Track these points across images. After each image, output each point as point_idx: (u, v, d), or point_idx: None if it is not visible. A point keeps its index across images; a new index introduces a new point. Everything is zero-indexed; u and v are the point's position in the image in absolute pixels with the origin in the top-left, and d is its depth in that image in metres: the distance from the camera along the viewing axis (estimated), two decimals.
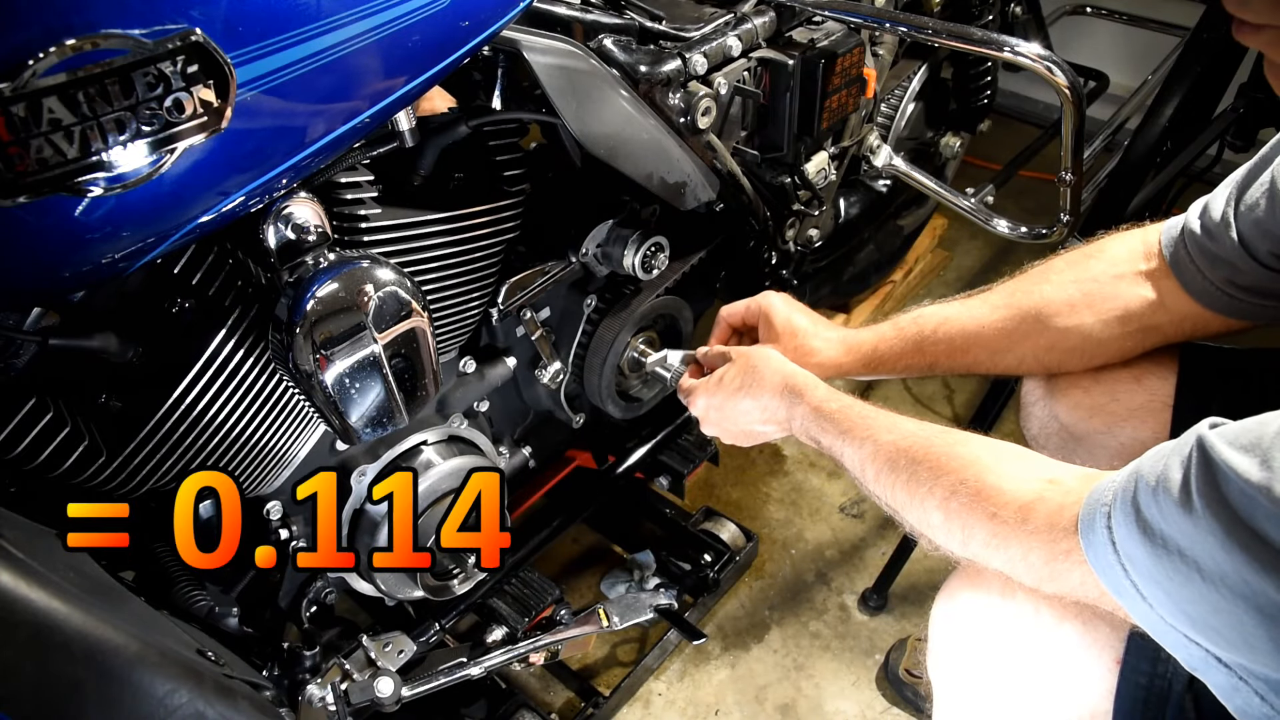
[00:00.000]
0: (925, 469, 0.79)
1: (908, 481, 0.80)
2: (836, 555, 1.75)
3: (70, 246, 0.66)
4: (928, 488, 0.78)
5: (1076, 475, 0.72)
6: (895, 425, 0.86)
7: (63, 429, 0.82)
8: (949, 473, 0.77)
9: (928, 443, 0.81)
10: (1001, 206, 1.65)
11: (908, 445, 0.82)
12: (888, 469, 0.83)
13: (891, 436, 0.84)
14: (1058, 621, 0.76)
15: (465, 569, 1.18)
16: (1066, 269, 1.01)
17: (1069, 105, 1.21)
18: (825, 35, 1.27)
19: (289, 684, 1.06)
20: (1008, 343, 1.02)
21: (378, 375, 0.90)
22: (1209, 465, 0.57)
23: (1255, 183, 0.87)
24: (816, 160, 1.38)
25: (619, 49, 1.09)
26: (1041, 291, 1.01)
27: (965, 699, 0.87)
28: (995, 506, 0.73)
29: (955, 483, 0.76)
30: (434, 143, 1.00)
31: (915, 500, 0.80)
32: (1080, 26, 2.33)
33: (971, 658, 0.84)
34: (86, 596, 0.62)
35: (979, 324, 1.04)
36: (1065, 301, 0.99)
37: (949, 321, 1.06)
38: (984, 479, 0.75)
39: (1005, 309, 1.02)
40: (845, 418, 0.90)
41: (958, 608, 0.84)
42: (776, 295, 1.18)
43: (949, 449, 0.79)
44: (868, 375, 1.13)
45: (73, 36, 0.59)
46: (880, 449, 0.84)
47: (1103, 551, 0.64)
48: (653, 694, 1.54)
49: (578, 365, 1.33)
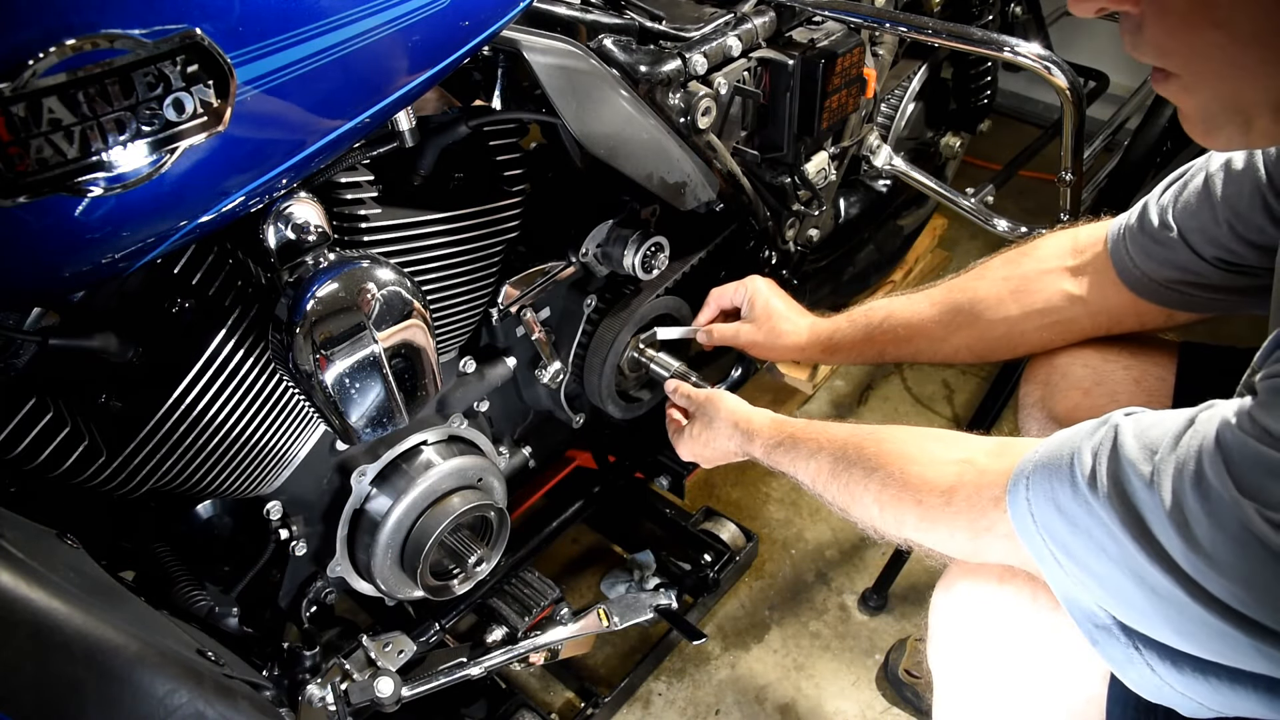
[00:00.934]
0: (859, 469, 0.87)
1: (847, 484, 0.88)
2: (836, 555, 1.75)
3: (70, 246, 0.66)
4: (863, 485, 0.86)
5: (988, 451, 0.78)
6: (831, 436, 0.93)
7: (63, 429, 0.82)
8: (878, 468, 0.84)
9: (859, 445, 0.88)
10: (1001, 206, 1.65)
11: (843, 452, 0.89)
12: (831, 477, 0.90)
13: (829, 448, 0.92)
14: (1054, 606, 0.77)
15: (465, 569, 1.18)
16: (1001, 266, 1.09)
17: (1069, 105, 1.21)
18: (825, 35, 1.27)
19: (289, 684, 1.06)
20: (944, 333, 1.12)
21: (378, 375, 0.90)
22: (1116, 455, 0.64)
23: (1191, 186, 0.92)
24: (816, 160, 1.38)
25: (619, 49, 1.09)
26: (976, 288, 1.10)
27: (966, 687, 0.89)
28: (920, 493, 0.80)
29: (884, 477, 0.84)
30: (434, 143, 1.00)
31: (856, 499, 0.87)
32: (1080, 26, 2.33)
33: (971, 646, 0.86)
34: (86, 596, 0.62)
35: (920, 317, 1.14)
36: (995, 297, 1.07)
37: (894, 315, 1.16)
38: (908, 469, 0.82)
39: (942, 304, 1.12)
40: (791, 445, 0.98)
41: (956, 597, 0.86)
42: (761, 280, 1.29)
43: (877, 446, 0.86)
44: (827, 360, 1.27)
45: (73, 36, 0.59)
46: (822, 463, 0.92)
47: (1024, 522, 0.70)
48: (653, 694, 1.54)
49: (578, 365, 1.33)
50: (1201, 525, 0.58)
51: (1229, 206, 0.88)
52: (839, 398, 2.07)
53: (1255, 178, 0.86)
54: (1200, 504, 0.58)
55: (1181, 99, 0.65)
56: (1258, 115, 0.62)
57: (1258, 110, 0.62)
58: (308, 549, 1.12)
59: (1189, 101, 0.65)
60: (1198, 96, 0.64)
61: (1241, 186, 0.87)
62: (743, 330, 1.27)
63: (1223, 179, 0.89)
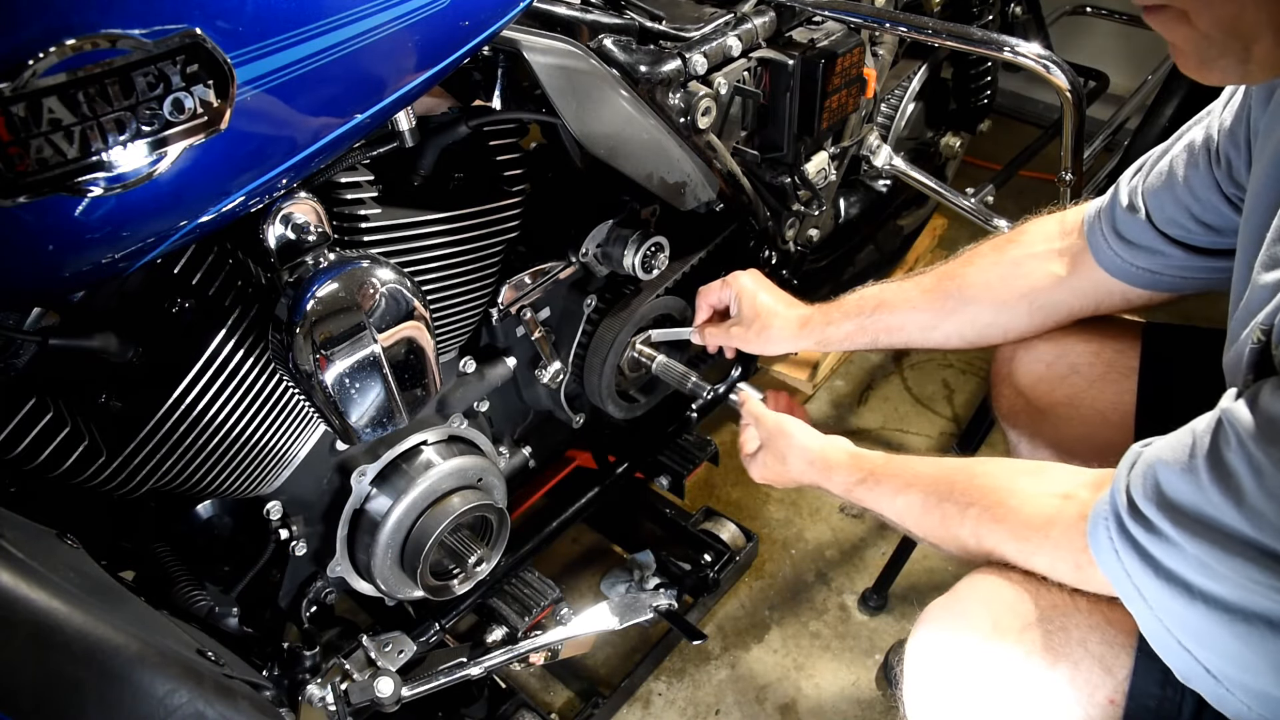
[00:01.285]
0: (952, 505, 0.85)
1: (941, 520, 0.87)
2: (836, 555, 1.75)
3: (70, 246, 0.66)
4: (958, 521, 0.84)
5: (1088, 485, 0.76)
6: (918, 473, 0.92)
7: (63, 429, 0.82)
8: (973, 504, 0.83)
9: (950, 480, 0.87)
10: (1001, 206, 1.65)
11: (934, 488, 0.88)
12: (923, 514, 0.89)
13: (918, 486, 0.90)
14: (1049, 666, 0.76)
15: (465, 569, 1.18)
16: (989, 253, 1.09)
17: (1069, 105, 1.21)
18: (825, 35, 1.27)
19: (289, 684, 1.06)
20: (934, 320, 1.12)
21: (378, 375, 0.90)
22: (1159, 491, 0.64)
23: (1157, 168, 0.92)
24: (816, 160, 1.38)
25: (619, 49, 1.09)
26: (965, 274, 1.10)
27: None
28: (1017, 528, 0.79)
29: (979, 513, 0.83)
30: (434, 143, 1.00)
31: (951, 534, 0.86)
32: (1080, 26, 2.33)
33: (953, 707, 0.82)
34: (86, 596, 0.62)
35: (910, 305, 1.13)
36: (983, 284, 1.08)
37: (885, 303, 1.16)
38: (1005, 504, 0.81)
39: (933, 291, 1.12)
40: (874, 483, 0.96)
41: (936, 651, 0.83)
42: (746, 275, 1.26)
43: (969, 481, 0.86)
44: (820, 350, 1.30)
45: (73, 36, 0.59)
46: (911, 501, 0.90)
47: (1109, 561, 0.69)
48: (653, 694, 1.54)
49: (578, 365, 1.33)
50: None
51: (1188, 188, 0.88)
52: (839, 398, 2.07)
53: (1208, 159, 0.86)
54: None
55: (1176, 29, 0.63)
56: (1258, 39, 0.60)
57: (1258, 33, 0.60)
58: (308, 549, 1.12)
59: (1184, 31, 0.63)
60: (1197, 23, 0.61)
61: (1197, 168, 0.88)
62: (733, 331, 1.26)
63: (1185, 160, 0.89)
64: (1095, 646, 0.76)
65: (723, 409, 1.41)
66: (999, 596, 0.81)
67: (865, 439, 1.95)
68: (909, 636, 0.86)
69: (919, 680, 0.84)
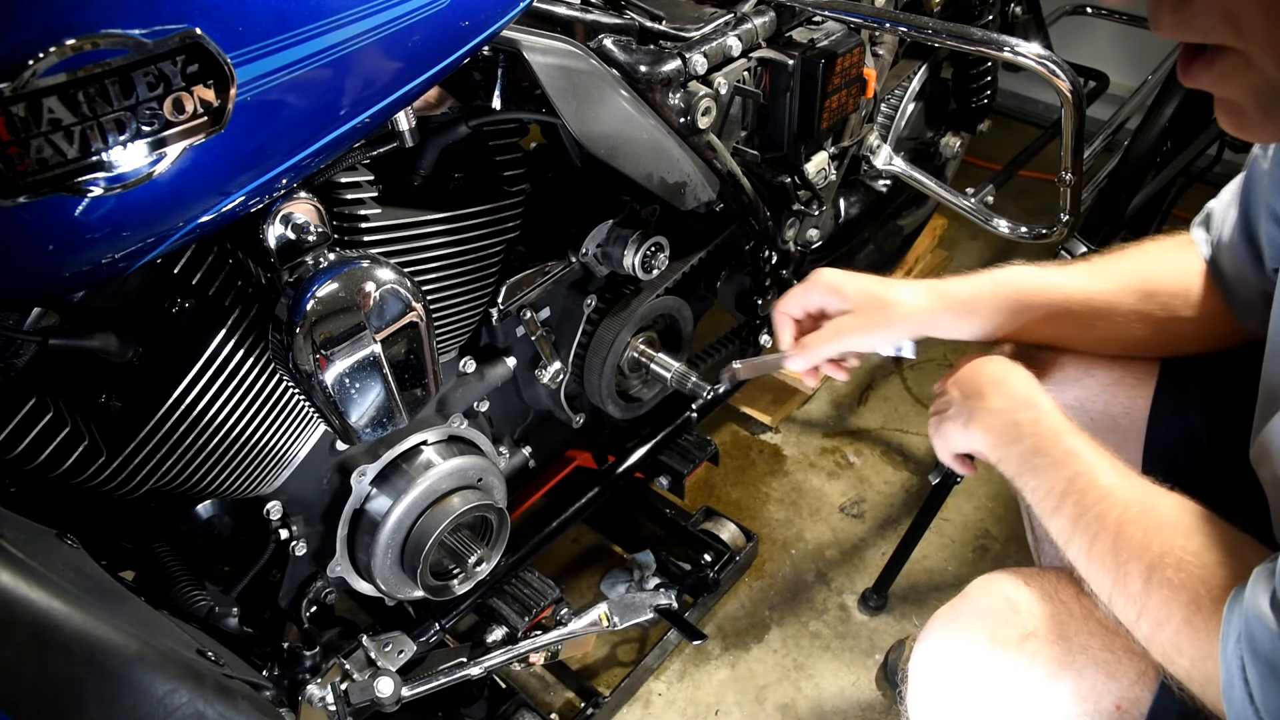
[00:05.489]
0: (1135, 569, 0.71)
1: (1114, 579, 0.72)
2: (836, 555, 1.75)
3: (70, 246, 0.66)
4: (1137, 589, 0.70)
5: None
6: (1103, 508, 0.75)
7: (63, 429, 0.82)
8: (1149, 552, 0.70)
9: (1139, 532, 0.72)
10: (1001, 206, 1.65)
11: (1118, 537, 0.73)
12: (1092, 561, 0.74)
13: (1098, 523, 0.74)
14: (1052, 675, 0.76)
15: (465, 569, 1.18)
16: (1173, 250, 0.96)
17: (1069, 105, 1.21)
18: (825, 35, 1.27)
19: (289, 684, 1.06)
20: (1109, 311, 0.94)
21: (377, 375, 0.90)
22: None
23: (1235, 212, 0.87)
24: (816, 160, 1.38)
25: (619, 49, 1.09)
26: (1145, 265, 0.95)
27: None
28: (1199, 597, 0.67)
29: (1157, 566, 0.69)
30: (434, 143, 1.00)
31: (1116, 592, 0.72)
32: (1080, 26, 2.33)
33: (959, 715, 0.82)
34: (86, 596, 0.62)
35: (1087, 291, 0.95)
36: (1172, 278, 0.93)
37: (1049, 286, 0.96)
38: (1191, 571, 0.68)
39: (1116, 279, 0.95)
40: (1064, 448, 0.80)
41: (942, 660, 0.82)
42: (830, 270, 1.04)
43: (1163, 546, 0.71)
44: (953, 328, 0.99)
45: (73, 36, 0.59)
46: (1082, 541, 0.75)
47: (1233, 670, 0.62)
48: (653, 694, 1.54)
49: (578, 365, 1.33)
50: None
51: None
52: (839, 397, 2.07)
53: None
54: None
55: (1234, 79, 0.53)
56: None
57: None
58: (308, 549, 1.12)
59: (1244, 79, 0.52)
60: (1256, 68, 0.51)
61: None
62: (845, 323, 1.01)
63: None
64: (1098, 653, 0.75)
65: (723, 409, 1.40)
66: (1003, 604, 0.81)
67: (865, 439, 1.96)
68: (915, 645, 0.86)
69: (924, 688, 0.84)
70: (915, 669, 0.84)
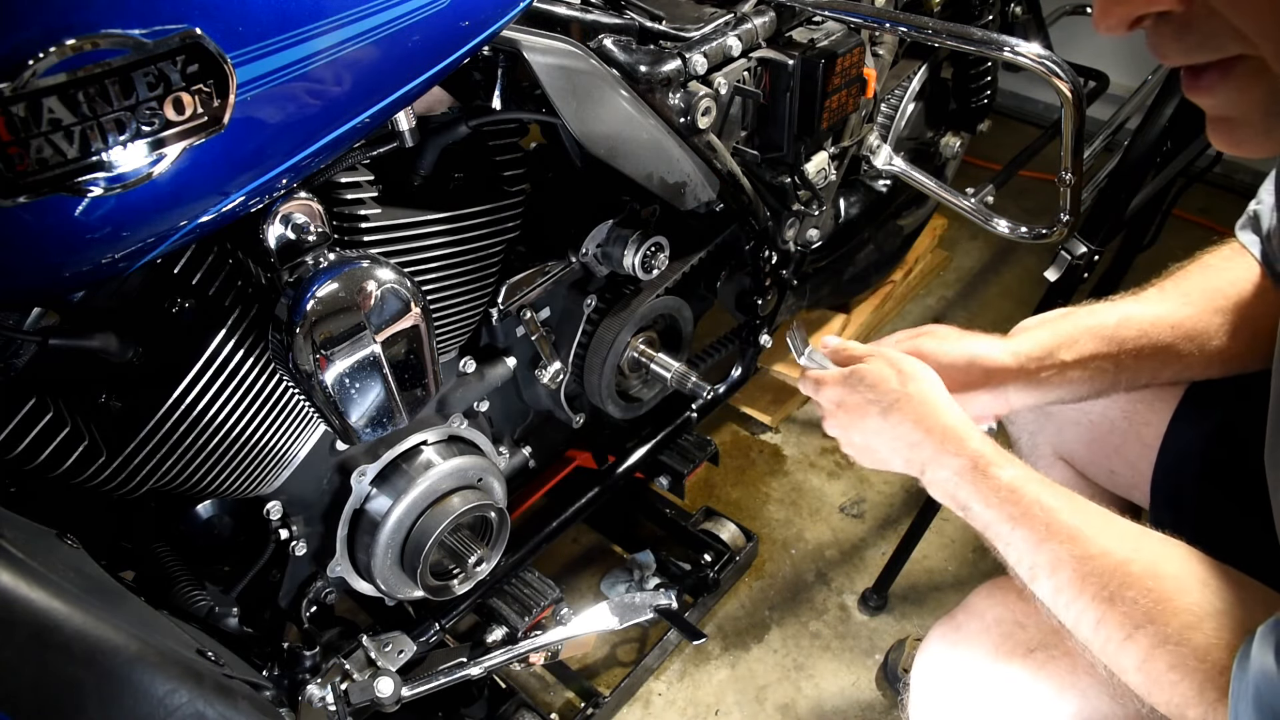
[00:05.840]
0: (1121, 606, 0.67)
1: (1102, 618, 0.68)
2: (836, 555, 1.75)
3: (70, 246, 0.66)
4: (1127, 631, 0.66)
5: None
6: (1079, 526, 0.70)
7: (63, 429, 0.82)
8: (1151, 619, 0.66)
9: (1125, 566, 0.67)
10: (1001, 206, 1.65)
11: (1100, 565, 0.68)
12: (1075, 588, 0.69)
13: (1078, 546, 0.70)
14: (1056, 694, 0.75)
15: (465, 569, 1.18)
16: (1233, 258, 0.91)
17: (1069, 105, 1.21)
18: (825, 35, 1.27)
19: (289, 684, 1.06)
20: (1199, 334, 0.88)
21: (377, 375, 0.90)
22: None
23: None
24: (816, 160, 1.38)
25: (619, 49, 1.09)
26: (1214, 280, 0.90)
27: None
28: (1208, 669, 0.63)
29: (1159, 633, 0.65)
30: (434, 143, 1.00)
31: (1110, 639, 0.68)
32: (1080, 26, 2.32)
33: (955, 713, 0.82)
34: (86, 596, 0.62)
35: (1175, 318, 0.88)
36: (1238, 289, 0.88)
37: (1131, 318, 0.89)
38: (1191, 640, 0.64)
39: (1196, 301, 0.89)
40: (1017, 496, 0.73)
41: (943, 671, 0.82)
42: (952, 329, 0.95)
43: (1155, 582, 0.67)
44: (1037, 391, 0.90)
45: (73, 36, 0.59)
46: (1061, 560, 0.70)
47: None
48: (653, 694, 1.54)
49: (578, 365, 1.33)
50: None
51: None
52: None
53: None
54: None
55: (1250, 90, 0.49)
56: None
57: None
58: (308, 549, 1.12)
59: (1262, 89, 0.48)
60: (1274, 73, 0.47)
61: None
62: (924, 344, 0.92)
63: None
64: (1104, 674, 0.73)
65: (723, 409, 1.40)
66: (1006, 617, 0.80)
67: None
68: (916, 655, 0.86)
69: (926, 701, 0.84)
70: (917, 680, 0.84)
